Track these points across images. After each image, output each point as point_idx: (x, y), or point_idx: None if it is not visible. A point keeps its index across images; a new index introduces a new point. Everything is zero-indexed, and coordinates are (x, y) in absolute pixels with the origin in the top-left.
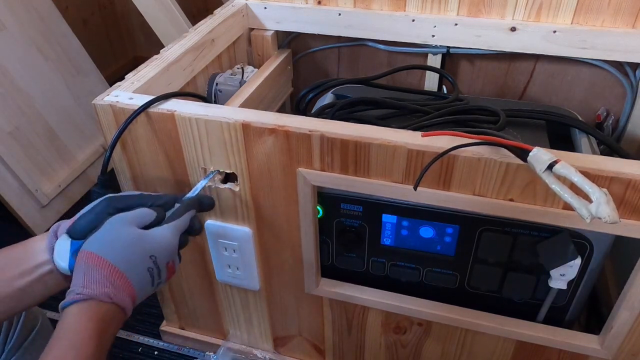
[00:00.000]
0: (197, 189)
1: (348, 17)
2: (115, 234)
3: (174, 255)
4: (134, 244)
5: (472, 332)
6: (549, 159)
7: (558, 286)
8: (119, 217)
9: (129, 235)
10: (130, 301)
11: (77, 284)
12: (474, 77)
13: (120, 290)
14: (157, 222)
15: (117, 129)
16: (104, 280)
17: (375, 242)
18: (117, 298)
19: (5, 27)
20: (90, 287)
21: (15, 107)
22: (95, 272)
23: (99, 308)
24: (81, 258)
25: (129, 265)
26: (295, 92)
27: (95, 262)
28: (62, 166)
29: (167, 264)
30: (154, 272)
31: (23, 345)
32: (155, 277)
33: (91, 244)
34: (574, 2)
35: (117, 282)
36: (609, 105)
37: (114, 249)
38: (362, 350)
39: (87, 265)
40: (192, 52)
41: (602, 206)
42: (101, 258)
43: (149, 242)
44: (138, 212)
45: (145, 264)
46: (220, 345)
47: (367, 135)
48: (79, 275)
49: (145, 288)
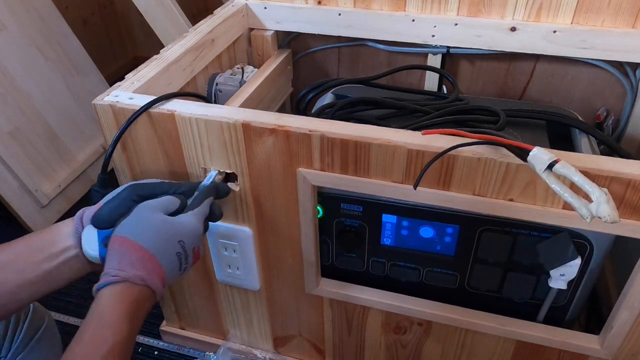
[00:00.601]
0: (211, 176)
1: (348, 17)
2: (145, 220)
3: (199, 241)
4: (164, 230)
5: (472, 332)
6: (549, 159)
7: (558, 286)
8: (148, 204)
9: (158, 221)
10: (160, 284)
11: (111, 266)
12: (474, 77)
13: (152, 273)
14: (181, 209)
15: (118, 129)
16: (136, 263)
17: (375, 242)
18: (149, 280)
19: (5, 27)
20: (124, 269)
21: (15, 107)
22: (128, 255)
23: (132, 290)
24: (114, 242)
25: (160, 249)
26: (295, 92)
27: (128, 246)
28: (62, 166)
29: (193, 249)
30: (182, 256)
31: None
32: (183, 262)
33: (123, 229)
34: (574, 2)
35: (149, 266)
36: (609, 105)
37: (145, 234)
38: (362, 350)
39: (120, 249)
40: (192, 52)
41: (603, 206)
42: (133, 242)
43: (177, 228)
44: (164, 199)
45: (175, 249)
46: (220, 345)
47: (367, 135)
48: (113, 258)
49: (174, 272)
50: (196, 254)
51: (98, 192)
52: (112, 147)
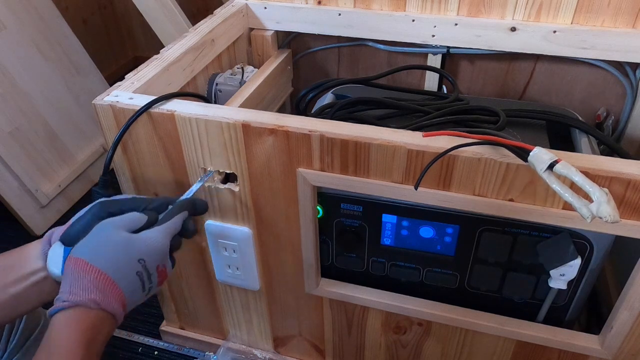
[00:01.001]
0: (191, 191)
1: (348, 17)
2: (102, 238)
3: (165, 258)
4: (121, 248)
5: (472, 332)
6: (550, 159)
7: (558, 286)
8: (108, 222)
9: (116, 239)
10: (119, 307)
11: (64, 290)
12: (474, 77)
13: (108, 296)
14: (149, 225)
15: (119, 130)
16: (90, 287)
17: (375, 242)
18: (104, 304)
19: (5, 27)
20: (77, 293)
21: (15, 107)
22: (81, 278)
23: (86, 315)
24: (68, 265)
25: (117, 270)
26: (295, 92)
27: (81, 268)
28: (62, 166)
29: (157, 267)
30: (144, 276)
31: (25, 345)
32: (146, 282)
33: (78, 249)
34: (574, 2)
35: (104, 288)
36: (609, 105)
37: (101, 253)
38: (362, 350)
39: (73, 272)
40: (192, 52)
41: (603, 205)
42: (87, 263)
43: (137, 246)
44: (128, 216)
45: (134, 268)
46: (220, 345)
47: (367, 135)
48: (66, 282)
49: (135, 293)
50: (161, 272)
51: (99, 194)
52: (112, 148)
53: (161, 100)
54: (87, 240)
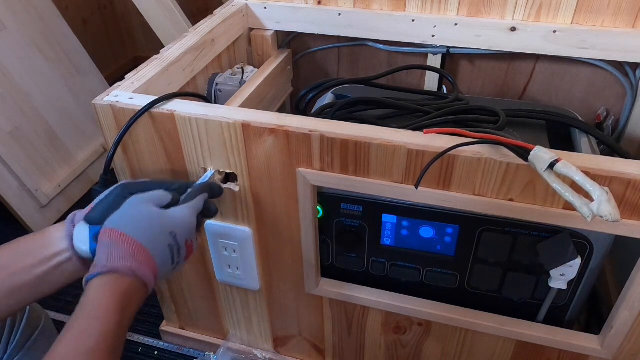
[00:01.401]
0: (207, 176)
1: (348, 17)
2: (136, 211)
3: (193, 234)
4: (155, 221)
5: (472, 332)
6: (550, 158)
7: (558, 286)
8: (138, 197)
9: (149, 212)
10: (152, 276)
11: (101, 258)
12: (474, 77)
13: (143, 264)
14: (173, 204)
15: (119, 130)
16: (126, 255)
17: (375, 242)
18: (139, 272)
19: (5, 27)
20: (114, 260)
21: (15, 107)
22: (118, 247)
23: (122, 281)
24: (104, 235)
25: (151, 240)
26: (295, 92)
27: (118, 238)
28: (62, 166)
29: (186, 242)
30: (175, 248)
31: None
32: (175, 255)
33: (113, 221)
34: (574, 2)
35: (139, 257)
36: (609, 105)
37: (136, 225)
38: (362, 350)
39: (110, 241)
40: (192, 52)
41: (604, 205)
42: (124, 234)
43: (169, 219)
44: (155, 193)
45: (166, 240)
46: (220, 345)
47: (367, 135)
48: (103, 250)
49: (166, 264)
50: (189, 247)
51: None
52: (114, 148)
53: (162, 101)
54: (120, 213)
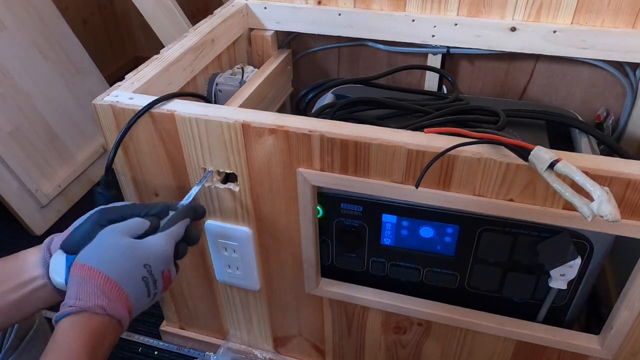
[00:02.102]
0: (190, 195)
1: (348, 17)
2: (107, 244)
3: (170, 263)
4: (126, 253)
5: (472, 332)
6: (551, 158)
7: (558, 286)
8: (111, 228)
9: (121, 244)
10: (126, 312)
11: (70, 296)
12: (474, 77)
13: (115, 301)
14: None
15: (120, 130)
16: (97, 292)
17: (375, 242)
18: (111, 309)
19: (5, 27)
20: (83, 298)
21: (15, 107)
22: (88, 283)
23: (92, 320)
24: (74, 270)
25: (123, 275)
26: (295, 92)
27: (87, 274)
28: (62, 166)
29: (162, 272)
30: (149, 281)
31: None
32: (151, 287)
33: (84, 255)
34: (574, 2)
35: (111, 293)
36: (609, 105)
37: (107, 259)
38: (362, 350)
39: (80, 277)
40: (192, 52)
41: (604, 204)
42: (93, 269)
43: (142, 251)
44: (131, 222)
45: (140, 273)
46: (220, 345)
47: (367, 135)
48: (72, 287)
49: (141, 298)
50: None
51: (100, 194)
52: (114, 149)
53: (162, 101)
54: (91, 247)
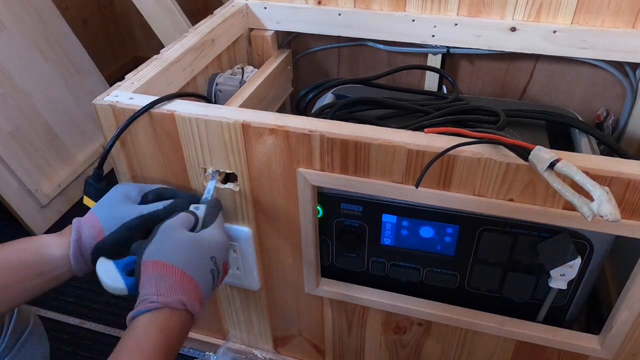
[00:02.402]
0: (209, 190)
1: (348, 17)
2: (174, 240)
3: (228, 254)
4: (195, 247)
5: (472, 332)
6: (551, 158)
7: (558, 286)
8: (169, 224)
9: (187, 239)
10: (199, 306)
11: (150, 292)
12: (474, 77)
13: (192, 295)
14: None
15: (119, 126)
16: (176, 287)
17: (375, 242)
18: (189, 304)
19: (5, 27)
20: (164, 294)
21: (15, 107)
22: (166, 279)
23: (171, 316)
24: (148, 268)
25: (196, 269)
26: (295, 92)
27: (164, 270)
28: (62, 166)
29: (223, 263)
30: (215, 273)
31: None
32: (216, 279)
33: (153, 253)
34: (574, 2)
35: (188, 288)
36: (609, 105)
37: (178, 254)
38: (362, 350)
39: (156, 274)
40: (192, 52)
41: (604, 204)
42: (168, 264)
43: (207, 244)
44: (181, 216)
45: (209, 266)
46: (220, 345)
47: (367, 135)
48: (150, 284)
49: (208, 290)
50: (225, 268)
51: (91, 185)
52: (112, 141)
53: (163, 101)
54: (157, 244)
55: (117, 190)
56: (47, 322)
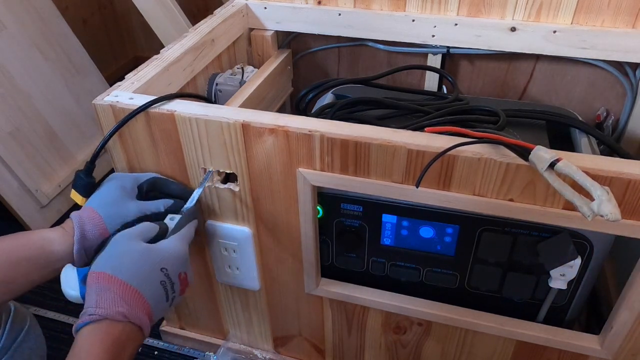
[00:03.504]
0: (193, 198)
1: (348, 17)
2: (122, 250)
3: (186, 266)
4: (143, 258)
5: (472, 332)
6: (551, 158)
7: (558, 286)
8: (123, 234)
9: (136, 249)
10: (146, 319)
11: (90, 304)
12: (474, 77)
13: (135, 307)
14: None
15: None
16: (116, 299)
17: (375, 242)
18: (132, 316)
19: (5, 27)
20: (103, 306)
21: (15, 107)
22: (107, 291)
23: (114, 328)
24: (92, 279)
25: (141, 280)
26: (295, 92)
27: (106, 281)
28: (62, 166)
29: (179, 275)
30: (167, 285)
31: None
32: (169, 291)
33: (100, 264)
34: (574, 2)
35: (130, 300)
36: (609, 105)
37: (124, 265)
38: (362, 350)
39: (98, 286)
40: (192, 52)
41: (604, 204)
42: (111, 276)
43: (158, 255)
44: (141, 226)
45: (158, 277)
46: (220, 345)
47: (367, 135)
48: (91, 296)
49: (160, 303)
50: (183, 280)
51: (80, 178)
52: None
53: (162, 100)
54: (105, 255)
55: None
56: (47, 322)
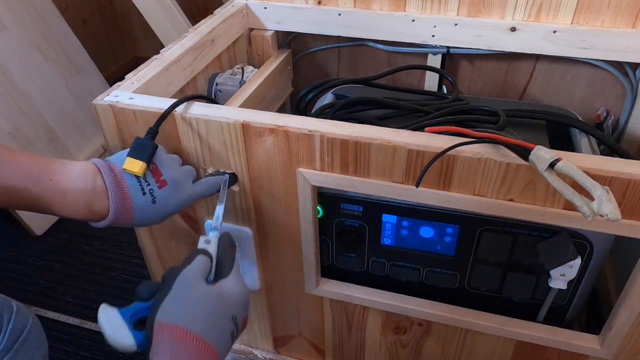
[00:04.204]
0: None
1: (348, 17)
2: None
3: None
4: (216, 307)
5: (472, 332)
6: (551, 157)
7: (558, 286)
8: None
9: (207, 297)
10: None
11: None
12: (474, 77)
13: None
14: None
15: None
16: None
17: (375, 242)
18: None
19: (5, 27)
20: None
21: (15, 107)
22: (183, 350)
23: None
24: (163, 331)
25: (216, 335)
26: (295, 92)
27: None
28: None
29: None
30: (235, 333)
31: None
32: (234, 339)
33: (170, 314)
34: (574, 2)
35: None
36: (609, 105)
37: (197, 318)
38: (362, 350)
39: (172, 342)
40: (192, 52)
41: (604, 203)
42: (186, 331)
43: (228, 302)
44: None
45: (229, 329)
46: None
47: (367, 135)
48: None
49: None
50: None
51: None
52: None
53: (183, 102)
54: (174, 301)
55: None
56: (47, 322)
